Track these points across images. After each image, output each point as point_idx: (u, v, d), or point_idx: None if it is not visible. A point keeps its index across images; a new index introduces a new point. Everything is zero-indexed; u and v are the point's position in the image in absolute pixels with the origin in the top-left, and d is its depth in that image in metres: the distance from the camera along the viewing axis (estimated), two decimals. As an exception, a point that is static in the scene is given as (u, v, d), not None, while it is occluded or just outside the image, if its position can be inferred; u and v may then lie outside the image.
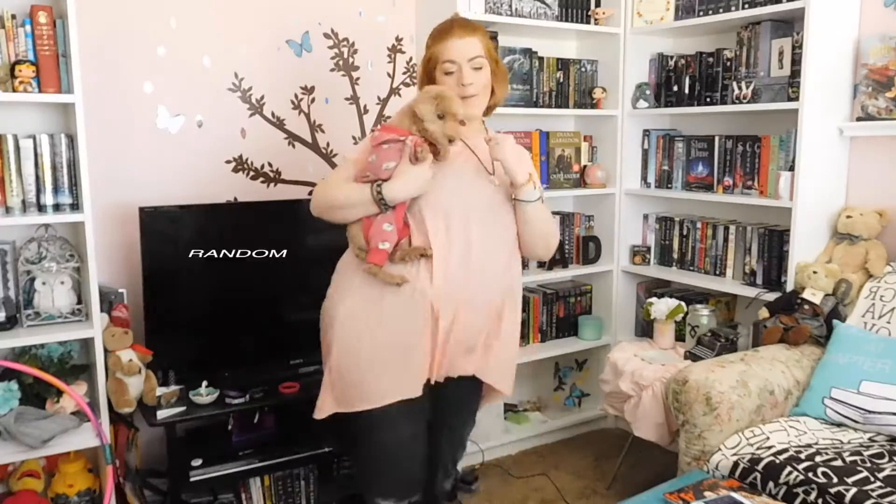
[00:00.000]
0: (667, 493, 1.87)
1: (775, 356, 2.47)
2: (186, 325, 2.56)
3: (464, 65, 1.84)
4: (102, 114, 2.58)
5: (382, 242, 1.79)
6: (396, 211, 1.80)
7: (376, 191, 1.77)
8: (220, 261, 2.61)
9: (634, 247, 3.42)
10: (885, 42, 2.61)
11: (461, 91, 1.85)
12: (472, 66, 1.85)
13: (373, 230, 1.80)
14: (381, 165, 1.78)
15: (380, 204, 1.77)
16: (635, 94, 3.32)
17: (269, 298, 2.70)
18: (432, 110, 1.75)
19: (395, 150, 1.78)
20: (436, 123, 1.76)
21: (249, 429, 2.63)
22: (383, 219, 1.79)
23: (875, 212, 2.65)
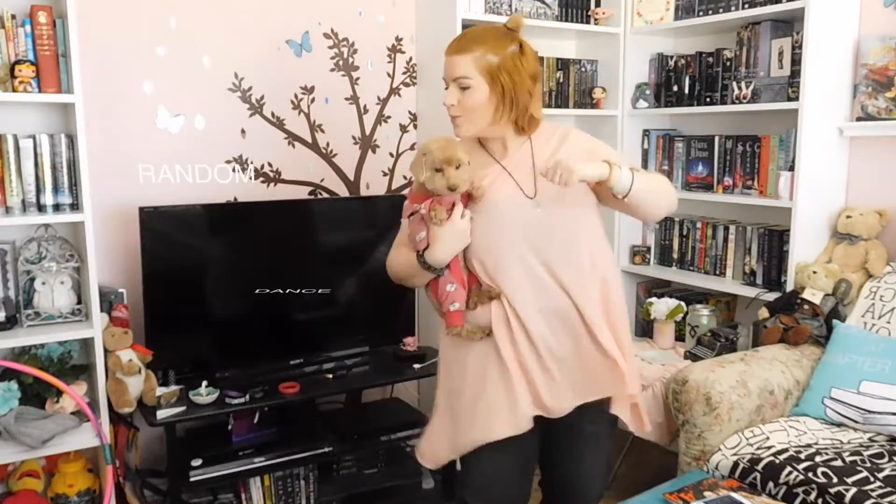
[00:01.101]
0: (667, 493, 1.87)
1: (775, 356, 2.47)
2: (186, 325, 2.56)
3: (451, 85, 1.75)
4: (102, 114, 2.58)
5: (452, 304, 1.76)
6: (451, 269, 1.76)
7: (421, 261, 1.74)
8: (219, 261, 2.61)
9: (634, 247, 3.42)
10: (885, 42, 2.61)
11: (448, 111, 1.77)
12: (458, 85, 1.73)
13: (440, 294, 1.77)
14: (414, 237, 1.76)
15: (430, 270, 1.74)
16: (635, 94, 3.32)
17: (269, 298, 2.70)
18: (425, 169, 1.69)
19: (418, 220, 1.75)
20: (434, 180, 1.68)
21: (249, 429, 2.63)
22: (444, 281, 1.76)
23: (875, 212, 2.65)
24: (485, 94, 1.72)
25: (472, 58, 1.71)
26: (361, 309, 2.86)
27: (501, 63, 1.71)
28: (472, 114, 1.74)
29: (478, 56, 1.71)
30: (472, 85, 1.72)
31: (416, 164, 1.72)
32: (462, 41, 1.75)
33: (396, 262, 1.85)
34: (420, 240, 1.74)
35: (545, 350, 1.76)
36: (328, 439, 2.65)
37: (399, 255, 1.84)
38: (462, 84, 1.72)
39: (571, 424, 1.81)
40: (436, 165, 1.66)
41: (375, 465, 2.84)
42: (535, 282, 1.75)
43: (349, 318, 2.85)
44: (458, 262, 1.77)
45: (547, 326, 1.76)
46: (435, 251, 1.71)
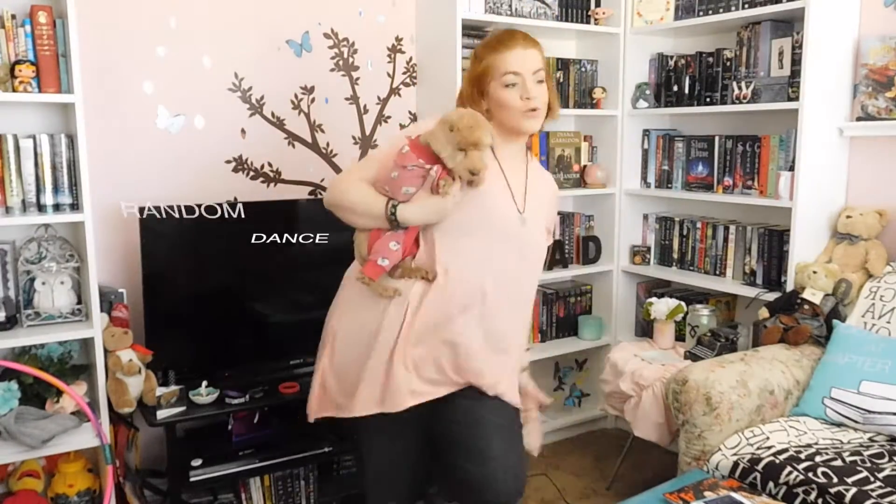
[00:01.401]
0: (667, 493, 1.87)
1: (775, 356, 2.47)
2: (186, 325, 2.56)
3: (528, 77, 1.75)
4: (102, 114, 2.58)
5: (382, 259, 1.71)
6: (408, 231, 1.71)
7: (391, 210, 1.68)
8: (220, 261, 2.61)
9: (634, 247, 3.42)
10: (885, 42, 2.61)
11: (525, 105, 1.77)
12: (536, 79, 1.77)
13: (378, 244, 1.71)
14: (400, 187, 1.68)
15: (392, 223, 1.70)
16: (635, 94, 3.32)
17: (269, 298, 2.70)
18: (449, 145, 1.61)
19: (418, 175, 1.67)
20: (455, 158, 1.62)
21: (249, 429, 2.63)
22: (392, 236, 1.70)
23: (875, 212, 2.65)
24: (548, 89, 1.81)
25: (541, 52, 1.79)
26: (361, 309, 2.86)
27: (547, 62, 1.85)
28: (543, 109, 1.80)
29: (542, 51, 1.80)
30: (544, 78, 1.79)
31: (437, 136, 1.64)
32: (527, 36, 1.80)
33: (354, 193, 1.76)
34: (406, 193, 1.67)
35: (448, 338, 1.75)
36: (328, 439, 2.64)
37: (361, 189, 1.76)
38: (538, 77, 1.77)
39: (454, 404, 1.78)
40: (462, 146, 1.60)
41: (375, 465, 2.84)
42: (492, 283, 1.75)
43: (349, 318, 2.84)
44: (415, 233, 1.73)
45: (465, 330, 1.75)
46: (412, 213, 1.68)
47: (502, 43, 1.78)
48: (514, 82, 1.75)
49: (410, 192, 1.67)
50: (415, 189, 1.67)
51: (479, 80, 1.82)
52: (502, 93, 1.77)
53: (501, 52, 1.76)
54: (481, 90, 1.82)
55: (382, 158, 1.78)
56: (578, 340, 3.46)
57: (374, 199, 1.72)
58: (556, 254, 3.31)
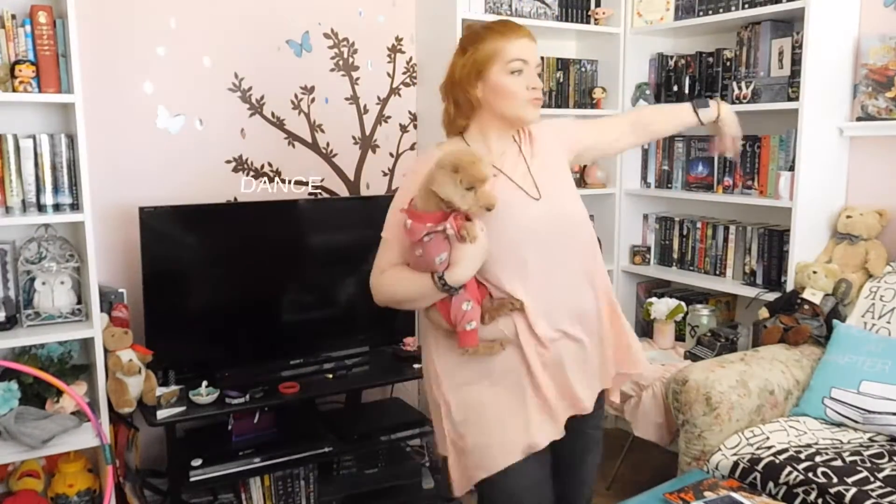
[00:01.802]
0: (667, 493, 1.87)
1: (775, 356, 2.47)
2: (186, 325, 2.56)
3: (529, 67, 1.70)
4: (102, 114, 2.58)
5: (469, 323, 1.63)
6: (468, 287, 1.64)
7: (441, 284, 1.60)
8: (219, 261, 2.61)
9: (634, 247, 3.42)
10: (885, 42, 2.61)
11: (532, 94, 1.71)
12: (537, 71, 1.73)
13: (454, 314, 1.63)
14: (433, 260, 1.59)
15: (449, 292, 1.61)
16: (635, 94, 3.32)
17: (269, 298, 2.70)
18: (457, 188, 1.53)
19: (440, 240, 1.58)
20: (466, 199, 1.54)
21: (249, 429, 2.63)
22: (459, 300, 1.62)
23: (875, 212, 2.65)
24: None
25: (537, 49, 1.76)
26: (361, 309, 2.85)
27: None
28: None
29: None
30: (539, 72, 1.77)
31: (442, 181, 1.54)
32: (523, 27, 1.75)
33: (399, 285, 1.69)
34: (441, 262, 1.59)
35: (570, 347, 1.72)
36: (328, 439, 2.64)
37: (401, 277, 1.68)
38: (538, 71, 1.74)
39: (581, 430, 1.80)
40: (469, 185, 1.52)
41: (375, 465, 2.84)
42: (558, 279, 1.70)
43: (349, 318, 2.85)
44: (474, 281, 1.66)
45: (570, 322, 1.72)
46: (459, 271, 1.59)
47: (510, 30, 1.72)
48: (520, 69, 1.69)
49: (444, 258, 1.59)
50: (446, 253, 1.59)
51: (479, 64, 1.71)
52: (507, 79, 1.69)
53: (510, 38, 1.70)
54: (479, 77, 1.71)
55: (396, 235, 1.70)
56: (578, 340, 3.45)
57: (419, 282, 1.63)
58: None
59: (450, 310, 1.63)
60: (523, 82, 1.69)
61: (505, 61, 1.69)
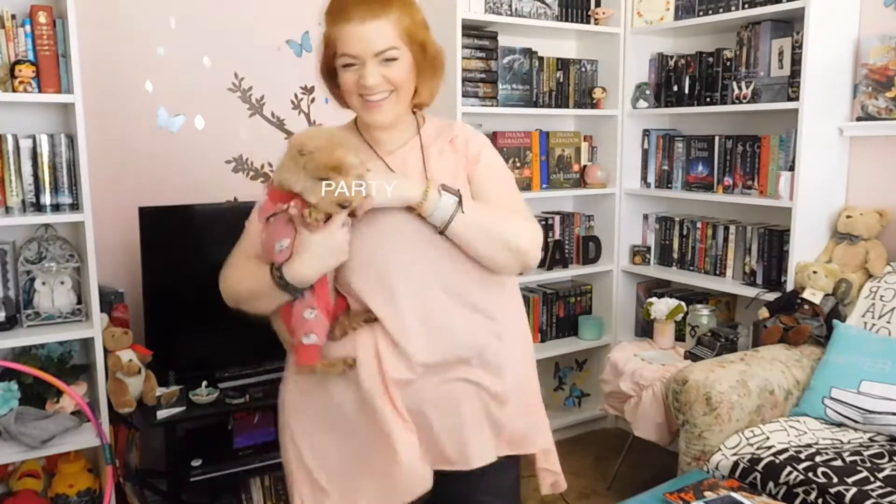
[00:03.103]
0: (667, 493, 1.87)
1: (775, 356, 2.47)
2: (186, 325, 2.56)
3: (368, 60, 1.36)
4: (102, 114, 2.58)
5: (307, 335, 1.36)
6: (316, 292, 1.35)
7: (276, 276, 1.32)
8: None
9: (634, 247, 3.42)
10: (885, 42, 2.61)
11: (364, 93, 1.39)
12: (382, 58, 1.37)
13: (294, 321, 1.37)
14: (272, 246, 1.34)
15: (288, 290, 1.33)
16: (635, 93, 3.32)
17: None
18: (302, 175, 1.27)
19: (283, 222, 1.32)
20: (314, 191, 1.26)
21: (249, 429, 2.63)
22: (301, 305, 1.35)
23: (875, 212, 2.65)
24: (409, 64, 1.41)
25: (395, 18, 1.37)
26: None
27: (414, 21, 1.40)
28: (404, 88, 1.41)
29: (401, 13, 1.38)
30: (398, 55, 1.38)
31: (286, 167, 1.30)
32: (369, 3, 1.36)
33: (238, 277, 1.43)
34: (281, 250, 1.32)
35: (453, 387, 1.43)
36: (328, 439, 2.64)
37: (243, 268, 1.42)
38: (387, 56, 1.36)
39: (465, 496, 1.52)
40: (318, 173, 1.26)
41: (375, 465, 2.84)
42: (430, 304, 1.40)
43: (349, 318, 2.84)
44: (327, 284, 1.38)
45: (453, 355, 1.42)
46: (300, 265, 1.31)
47: (341, 9, 1.38)
48: (350, 63, 1.38)
49: (285, 244, 1.32)
50: (288, 240, 1.32)
51: (324, 55, 1.45)
52: (342, 74, 1.40)
53: (338, 25, 1.37)
54: (330, 67, 1.44)
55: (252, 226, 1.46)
56: (578, 340, 3.46)
57: (259, 274, 1.36)
58: (556, 254, 3.31)
59: (290, 317, 1.38)
60: (354, 78, 1.38)
61: (337, 56, 1.39)
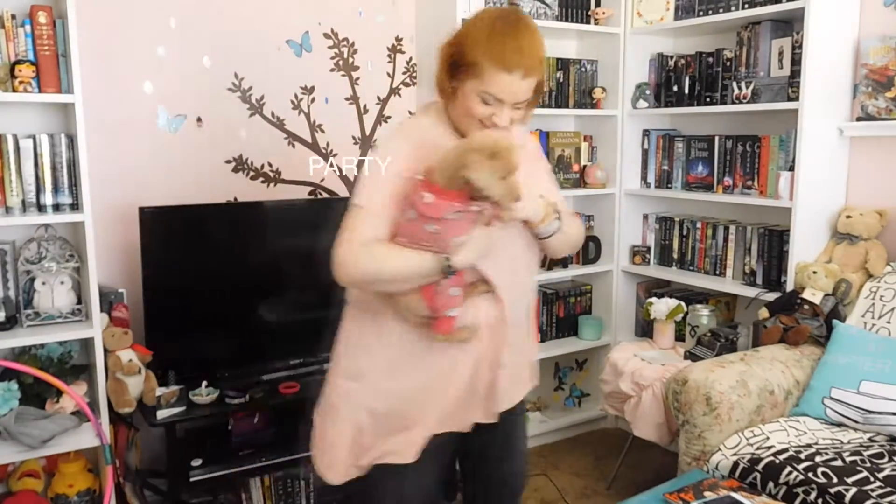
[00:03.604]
0: (667, 493, 1.87)
1: (775, 356, 2.47)
2: (186, 325, 2.56)
3: (507, 104, 1.55)
4: (102, 114, 2.58)
5: (452, 310, 1.57)
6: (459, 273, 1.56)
7: (445, 266, 1.50)
8: (219, 261, 2.61)
9: (634, 247, 3.42)
10: (885, 42, 2.61)
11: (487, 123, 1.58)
12: (515, 106, 1.57)
13: (440, 299, 1.55)
14: (448, 240, 1.50)
15: (448, 275, 1.52)
16: (635, 94, 3.32)
17: (269, 298, 2.70)
18: (493, 175, 1.45)
19: (468, 221, 1.51)
20: (501, 188, 1.46)
21: (249, 429, 2.63)
22: (450, 284, 1.54)
23: (875, 212, 2.65)
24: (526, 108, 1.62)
25: (534, 81, 1.56)
26: (361, 309, 2.86)
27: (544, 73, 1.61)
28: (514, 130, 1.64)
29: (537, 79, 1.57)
30: (523, 106, 1.59)
31: (478, 167, 1.44)
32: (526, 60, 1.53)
33: (391, 260, 1.53)
34: (458, 244, 1.51)
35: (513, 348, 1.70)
36: (328, 439, 2.64)
37: (395, 252, 1.54)
38: (519, 105, 1.57)
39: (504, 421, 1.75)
40: (504, 173, 1.45)
41: (375, 465, 2.84)
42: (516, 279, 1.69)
43: (349, 318, 2.85)
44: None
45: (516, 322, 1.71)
46: (469, 255, 1.52)
47: (507, 54, 1.51)
48: (489, 103, 1.55)
49: (461, 240, 1.52)
50: (466, 237, 1.52)
51: (457, 65, 1.56)
52: (474, 101, 1.56)
53: (498, 66, 1.51)
54: (453, 73, 1.58)
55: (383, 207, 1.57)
56: (578, 340, 3.46)
57: (418, 260, 1.51)
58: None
59: (434, 295, 1.54)
60: (489, 112, 1.56)
61: (479, 86, 1.53)
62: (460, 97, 1.58)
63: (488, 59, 1.51)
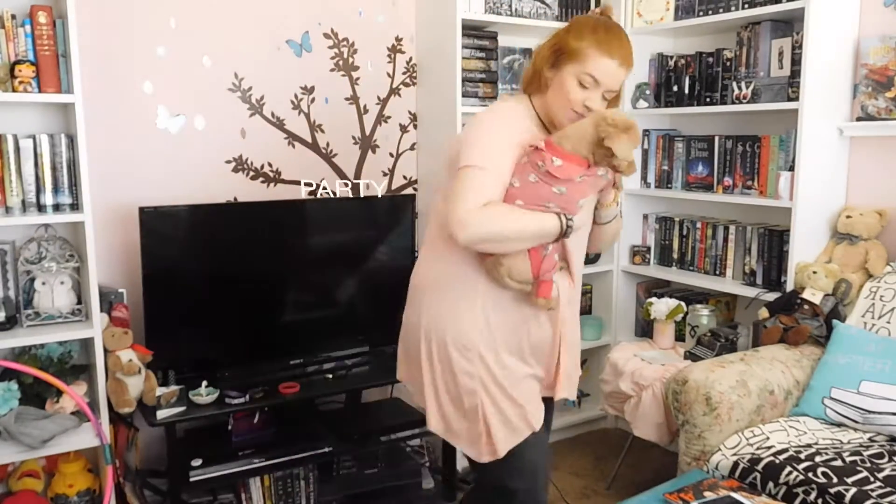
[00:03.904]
0: (667, 493, 1.87)
1: (775, 356, 2.47)
2: (186, 325, 2.56)
3: (602, 90, 1.68)
4: (102, 114, 2.58)
5: (553, 274, 1.69)
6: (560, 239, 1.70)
7: (567, 226, 1.62)
8: (219, 261, 2.61)
9: (634, 247, 3.42)
10: (885, 42, 2.61)
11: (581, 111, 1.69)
12: (607, 95, 1.71)
13: (546, 263, 1.65)
14: (575, 201, 1.63)
15: (565, 235, 1.65)
16: (635, 94, 3.32)
17: (269, 298, 2.70)
18: (629, 146, 1.58)
19: (590, 184, 1.65)
20: (631, 157, 1.61)
21: (249, 429, 2.63)
22: (555, 249, 1.67)
23: (875, 212, 2.65)
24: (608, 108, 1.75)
25: (627, 75, 1.73)
26: (361, 309, 2.86)
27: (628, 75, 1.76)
28: None
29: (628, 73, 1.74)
30: (611, 99, 1.74)
31: (616, 136, 1.57)
32: (627, 51, 1.70)
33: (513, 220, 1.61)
34: (580, 206, 1.65)
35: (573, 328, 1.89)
36: (328, 439, 2.65)
37: (517, 212, 1.62)
38: (609, 96, 1.72)
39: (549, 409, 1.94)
40: (636, 144, 1.61)
41: (375, 465, 2.84)
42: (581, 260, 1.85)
43: (349, 318, 2.85)
44: None
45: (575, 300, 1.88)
46: (579, 220, 1.69)
47: (611, 44, 1.67)
48: (587, 85, 1.67)
49: (584, 202, 1.66)
50: (590, 200, 1.67)
51: (561, 52, 1.70)
52: (572, 84, 1.68)
53: (602, 51, 1.65)
54: (553, 63, 1.71)
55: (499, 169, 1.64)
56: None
57: (538, 220, 1.62)
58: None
59: (541, 258, 1.64)
60: (583, 96, 1.68)
61: (582, 70, 1.67)
62: (556, 85, 1.71)
63: (593, 44, 1.66)
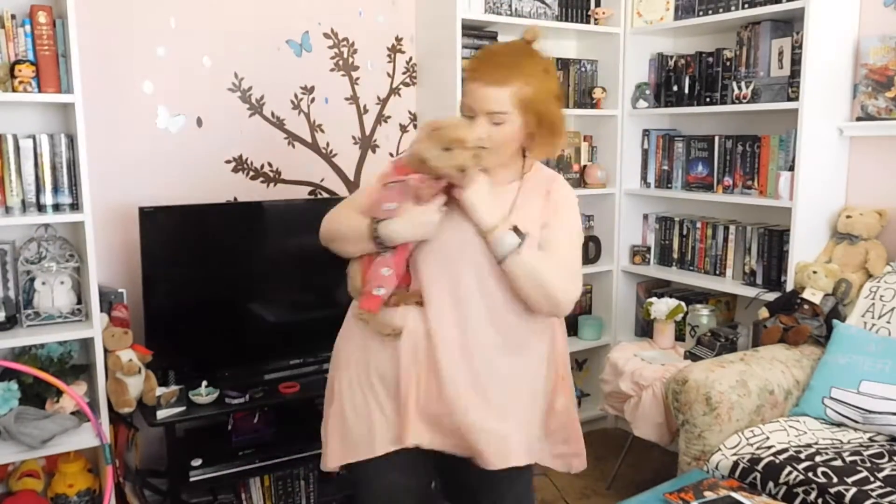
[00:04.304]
0: (667, 493, 1.87)
1: (775, 356, 2.47)
2: (186, 325, 2.56)
3: (481, 116, 1.58)
4: (102, 114, 2.57)
5: (378, 288, 1.63)
6: (397, 254, 1.62)
7: (372, 227, 1.59)
8: (219, 261, 2.61)
9: (634, 247, 3.42)
10: (885, 42, 2.61)
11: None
12: (491, 120, 1.58)
13: (370, 273, 1.64)
14: (381, 204, 1.62)
15: (376, 242, 1.60)
16: (635, 93, 3.32)
17: (269, 298, 2.70)
18: (433, 145, 1.54)
19: (398, 190, 1.61)
20: (441, 158, 1.53)
21: (249, 429, 2.63)
22: (382, 262, 1.63)
23: (875, 212, 2.65)
24: (517, 127, 1.60)
25: (510, 92, 1.56)
26: (361, 309, 2.85)
27: (536, 94, 1.58)
28: (500, 147, 1.61)
29: (515, 90, 1.56)
30: (505, 120, 1.58)
31: (421, 139, 1.56)
32: (498, 70, 1.57)
33: (340, 219, 1.70)
34: (386, 210, 1.60)
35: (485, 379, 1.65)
36: (328, 439, 2.64)
37: (347, 214, 1.69)
38: (495, 120, 1.58)
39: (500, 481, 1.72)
40: (445, 144, 1.53)
41: (375, 465, 2.84)
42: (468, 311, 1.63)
43: (349, 318, 2.85)
44: (405, 255, 1.64)
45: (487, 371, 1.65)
46: (395, 226, 1.57)
47: (477, 69, 1.61)
48: (470, 113, 1.61)
49: (391, 207, 1.60)
50: (395, 205, 1.59)
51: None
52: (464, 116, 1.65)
53: (469, 78, 1.61)
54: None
55: (371, 188, 1.70)
56: (578, 340, 3.46)
57: (358, 220, 1.64)
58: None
59: (367, 265, 1.65)
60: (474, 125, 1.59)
61: (462, 101, 1.63)
62: None
63: (466, 74, 1.64)
